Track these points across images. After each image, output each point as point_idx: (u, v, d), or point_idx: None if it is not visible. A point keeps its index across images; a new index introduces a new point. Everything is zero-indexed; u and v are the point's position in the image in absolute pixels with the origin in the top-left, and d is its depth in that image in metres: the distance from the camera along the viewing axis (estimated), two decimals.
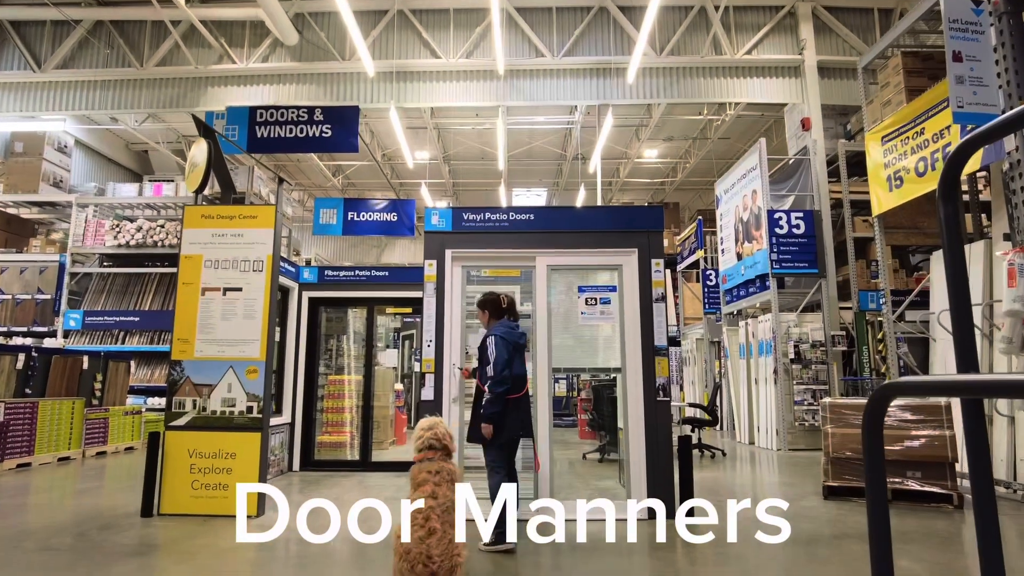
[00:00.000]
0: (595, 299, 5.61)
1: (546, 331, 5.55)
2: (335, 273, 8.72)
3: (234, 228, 5.80)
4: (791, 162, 12.63)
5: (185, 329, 5.68)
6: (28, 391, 9.93)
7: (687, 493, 5.29)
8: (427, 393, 5.49)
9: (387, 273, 8.65)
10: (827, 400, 6.63)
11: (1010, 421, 6.31)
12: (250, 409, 5.55)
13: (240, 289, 5.72)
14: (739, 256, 12.75)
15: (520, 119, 16.74)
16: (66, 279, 14.01)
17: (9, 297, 14.39)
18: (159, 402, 12.50)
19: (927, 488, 5.87)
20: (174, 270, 12.19)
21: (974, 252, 7.04)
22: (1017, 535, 4.90)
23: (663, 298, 5.58)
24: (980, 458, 1.37)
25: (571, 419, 14.47)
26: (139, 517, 5.35)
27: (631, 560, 4.21)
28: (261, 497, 5.48)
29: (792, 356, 10.96)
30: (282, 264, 8.13)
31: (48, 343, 13.33)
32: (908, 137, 7.60)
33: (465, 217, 5.72)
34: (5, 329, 14.24)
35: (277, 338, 8.26)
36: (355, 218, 17.36)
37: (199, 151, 5.99)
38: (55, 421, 9.00)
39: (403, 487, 6.83)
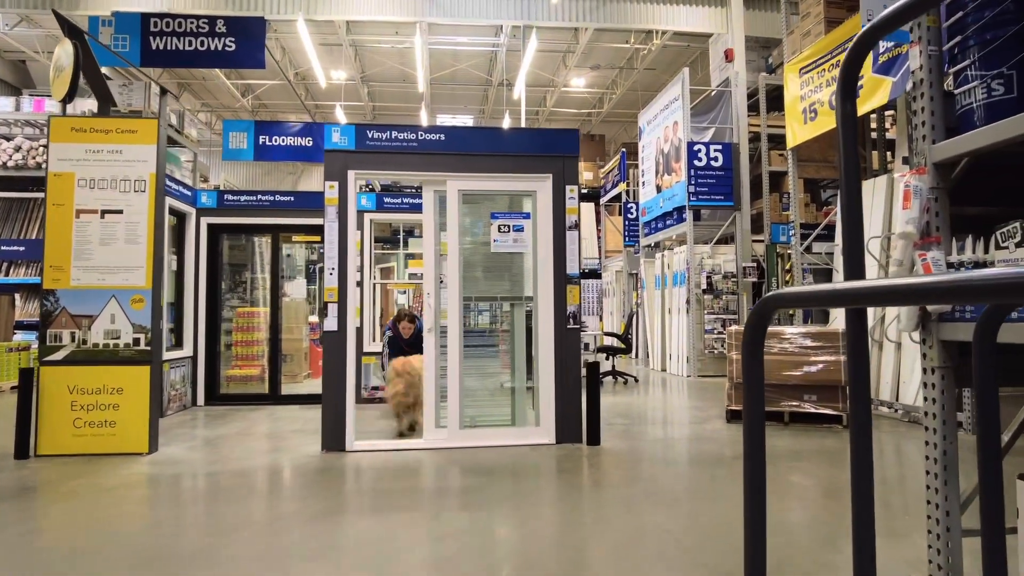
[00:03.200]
0: (508, 226, 5.43)
1: (457, 259, 5.36)
2: (235, 198, 8.14)
3: (111, 143, 5.22)
4: (713, 94, 12.63)
5: (58, 255, 5.14)
6: None
7: (594, 417, 5.35)
8: (330, 323, 5.25)
9: (292, 199, 8.15)
10: (732, 328, 6.82)
11: (897, 347, 6.70)
12: (137, 341, 5.15)
13: (120, 212, 5.19)
14: (659, 188, 12.83)
15: (442, 39, 15.95)
16: None
17: None
18: None
19: (821, 411, 6.19)
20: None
21: (877, 186, 7.27)
22: (894, 450, 5.24)
23: (576, 226, 5.46)
24: (860, 369, 1.30)
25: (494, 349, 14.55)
26: (12, 459, 4.95)
27: (538, 483, 4.23)
28: (153, 432, 5.16)
29: (704, 287, 11.27)
30: (176, 187, 7.51)
31: None
32: (824, 69, 7.64)
33: (369, 135, 5.35)
34: None
35: (173, 267, 7.72)
36: (267, 142, 16.22)
37: (64, 53, 5.27)
38: None
39: (312, 419, 6.65)
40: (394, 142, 5.37)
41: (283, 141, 15.57)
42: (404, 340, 6.92)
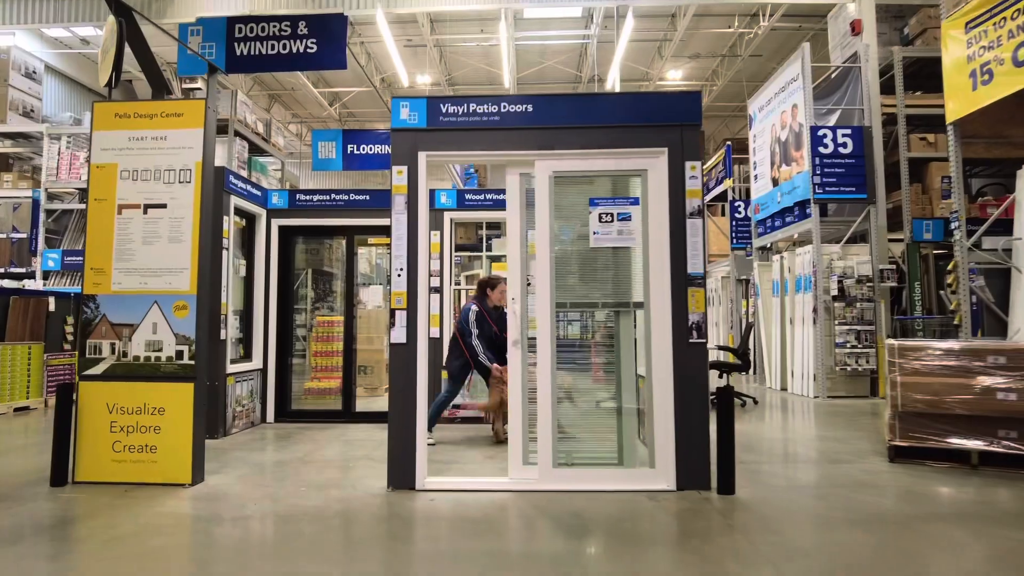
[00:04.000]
0: (611, 215, 4.38)
1: (548, 257, 4.35)
2: (308, 197, 7.52)
3: (155, 129, 4.60)
4: (836, 74, 11.04)
5: (99, 256, 4.56)
6: None
7: (727, 457, 4.17)
8: (397, 334, 4.36)
9: (368, 197, 7.43)
10: (893, 342, 5.41)
11: None
12: (180, 354, 4.47)
13: (164, 206, 4.55)
14: (775, 182, 11.33)
15: (529, 34, 15.11)
16: (41, 216, 13.00)
17: None
18: None
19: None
20: None
21: None
22: None
23: (700, 212, 4.33)
24: None
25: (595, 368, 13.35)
26: (48, 486, 4.37)
27: (660, 554, 3.13)
28: (197, 460, 4.45)
29: (835, 293, 9.69)
30: (245, 186, 6.95)
31: (29, 285, 12.44)
32: (1004, 18, 6.10)
33: (443, 110, 4.45)
34: None
35: (243, 272, 7.17)
36: (355, 151, 16.13)
37: (109, 33, 4.72)
38: (6, 367, 8.07)
39: (385, 442, 5.82)
40: (472, 117, 4.45)
41: (371, 149, 15.27)
42: (492, 316, 6.07)
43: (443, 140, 4.45)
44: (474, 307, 6.03)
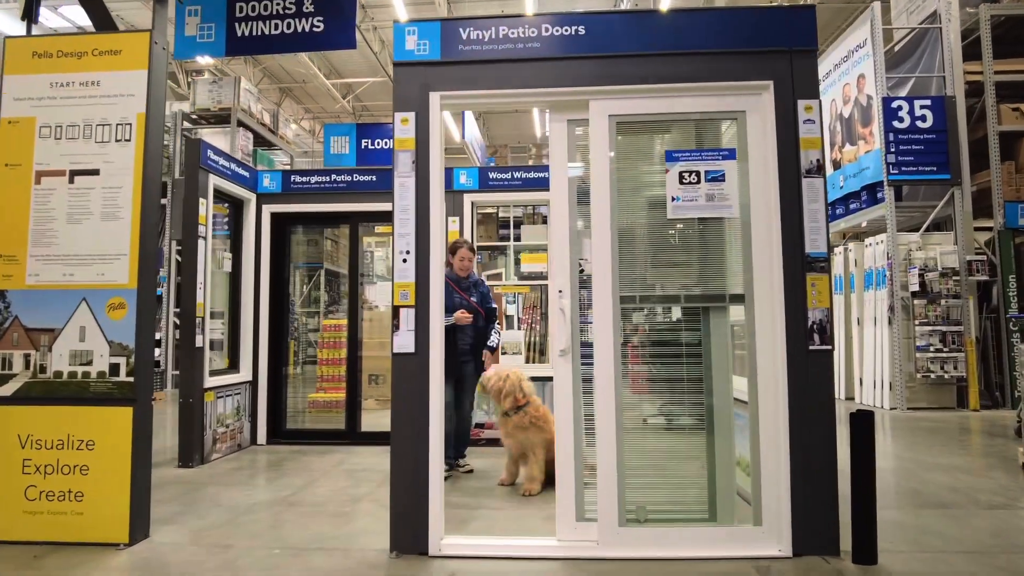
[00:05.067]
0: (696, 173, 3.18)
1: (608, 234, 3.16)
2: (305, 179, 6.39)
3: (85, 72, 3.49)
4: (907, 40, 9.72)
5: (10, 240, 3.46)
6: None
7: (865, 511, 2.95)
8: (402, 340, 3.20)
9: (374, 178, 6.29)
10: None
11: None
12: (115, 369, 3.34)
13: (96, 172, 3.44)
14: (836, 164, 10.03)
15: (559, 4, 13.91)
16: None
17: None
18: None
19: None
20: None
21: None
22: None
23: (819, 169, 3.12)
24: None
25: (673, 387, 11.98)
26: None
27: None
28: (138, 509, 3.32)
29: (915, 288, 8.36)
30: (229, 165, 5.86)
31: None
32: None
33: (463, 35, 3.29)
34: None
35: (227, 268, 6.07)
36: (370, 145, 15.12)
37: None
38: None
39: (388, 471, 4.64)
40: (502, 44, 3.27)
41: (387, 144, 14.20)
42: (463, 285, 4.93)
43: (463, 76, 3.28)
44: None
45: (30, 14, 3.61)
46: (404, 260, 3.23)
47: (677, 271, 3.27)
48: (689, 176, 3.16)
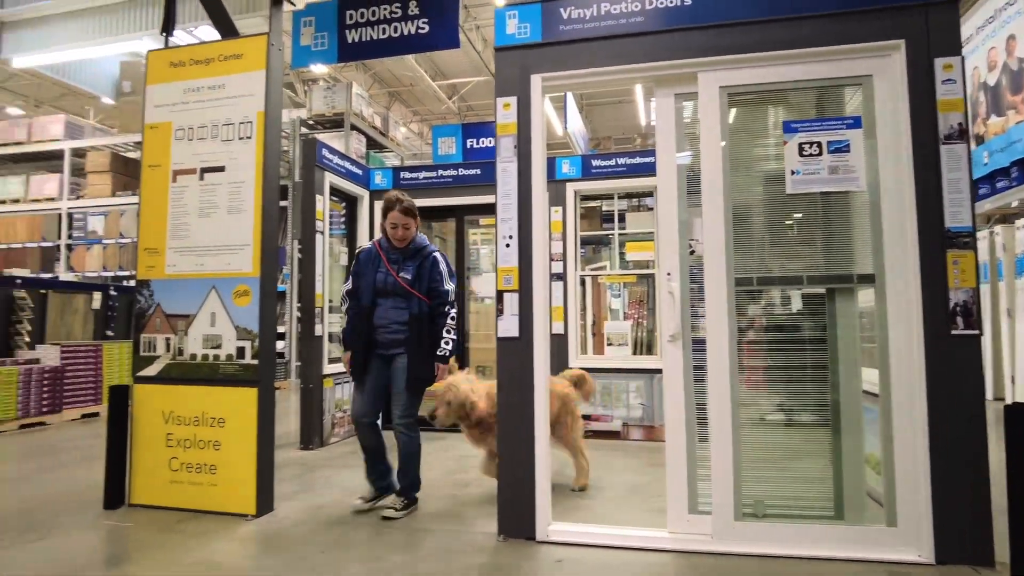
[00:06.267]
0: (818, 145, 2.94)
1: (721, 211, 3.00)
2: (413, 175, 6.60)
3: (212, 77, 3.76)
4: None
5: (153, 234, 3.79)
6: (110, 333, 9.01)
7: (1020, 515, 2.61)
8: (506, 325, 3.20)
9: (479, 171, 6.38)
10: None
11: None
12: (241, 352, 3.58)
13: (222, 168, 3.69)
14: (979, 139, 9.04)
15: None
16: None
17: (129, 241, 13.91)
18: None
19: None
20: (282, 203, 10.70)
21: None
22: None
23: (962, 132, 2.79)
24: None
25: (793, 375, 11.40)
26: (101, 509, 3.63)
27: None
28: (264, 484, 3.54)
29: None
30: (343, 164, 6.14)
31: None
32: None
33: (564, 15, 3.23)
34: (127, 273, 13.86)
35: (343, 261, 6.36)
36: (475, 145, 15.42)
37: None
38: (125, 365, 7.84)
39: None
40: (604, 21, 3.18)
41: (491, 142, 14.44)
42: (393, 256, 3.73)
43: (564, 56, 3.22)
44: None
45: (168, 28, 3.94)
46: (507, 245, 3.23)
47: (798, 250, 3.04)
48: (810, 147, 2.93)
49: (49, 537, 3.19)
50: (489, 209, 6.41)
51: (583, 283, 6.75)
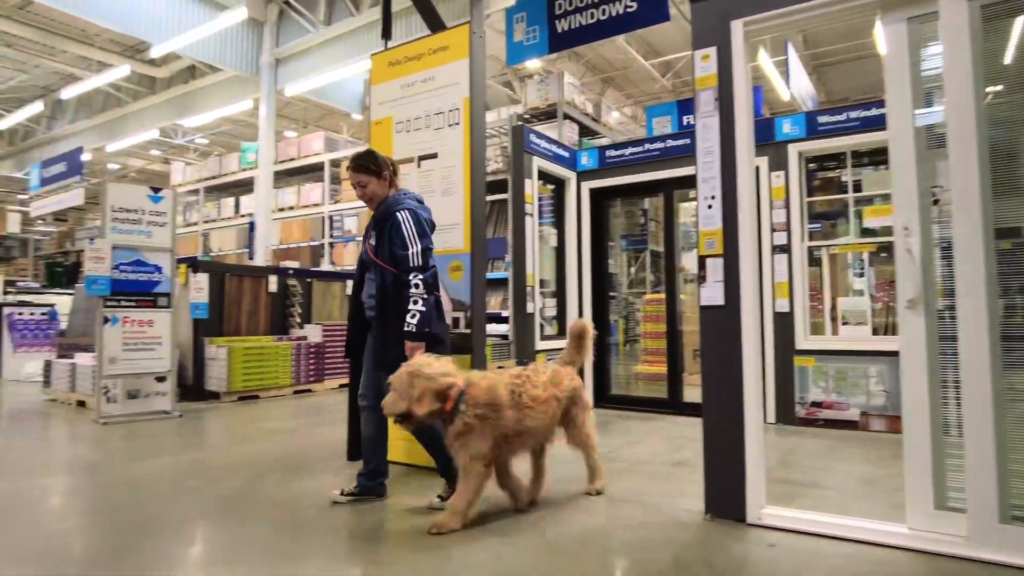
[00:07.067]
0: None
1: (972, 149, 2.48)
2: (619, 152, 6.52)
3: (423, 71, 4.08)
4: None
5: None
6: None
7: None
8: (710, 292, 3.00)
9: (687, 141, 6.09)
10: None
11: None
12: (456, 322, 3.85)
13: (435, 155, 4.00)
14: None
15: None
16: None
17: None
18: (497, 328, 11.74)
19: None
20: (502, 196, 11.12)
21: None
22: None
23: None
24: None
25: None
26: (345, 460, 4.19)
27: None
28: None
29: None
30: (549, 147, 6.29)
31: None
32: None
33: None
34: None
35: (553, 243, 6.53)
36: (691, 122, 14.83)
37: None
38: None
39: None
40: None
41: None
42: (369, 224, 3.37)
43: None
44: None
45: (387, 34, 4.36)
46: (709, 206, 3.03)
47: None
48: None
49: (306, 478, 3.75)
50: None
51: (812, 257, 6.10)
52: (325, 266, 13.08)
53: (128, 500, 3.35)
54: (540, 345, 5.92)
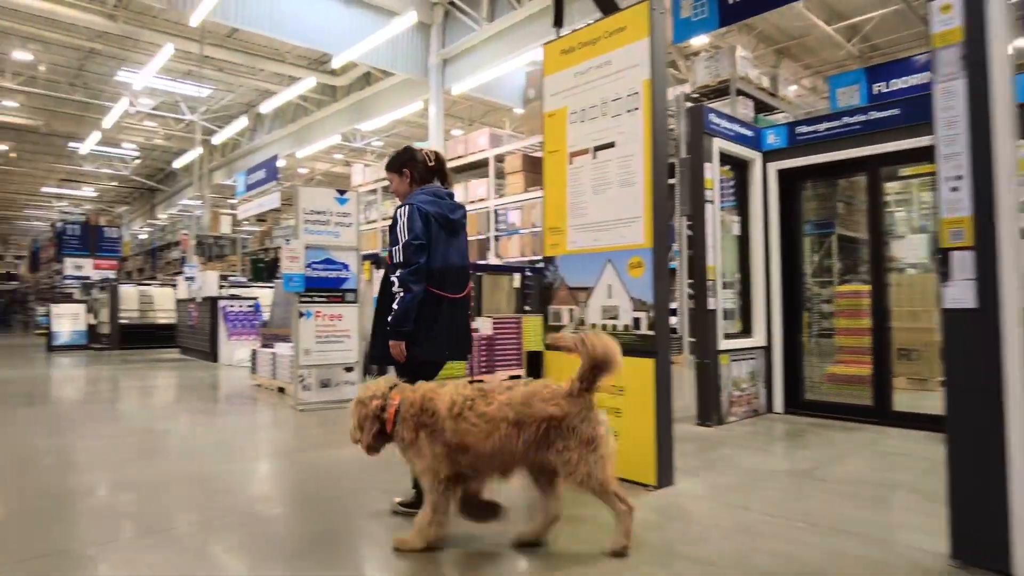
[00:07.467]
0: None
1: None
2: (812, 128, 5.82)
3: (598, 56, 3.85)
4: None
5: (556, 214, 4.09)
6: (527, 308, 10.37)
7: None
8: (957, 293, 2.48)
9: (897, 111, 5.26)
10: None
11: None
12: (636, 323, 3.60)
13: (612, 144, 3.76)
14: None
15: None
16: None
17: (539, 230, 15.87)
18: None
19: None
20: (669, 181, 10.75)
21: None
22: None
23: None
24: None
25: None
26: None
27: None
28: (663, 455, 3.52)
29: None
30: (729, 125, 5.79)
31: None
32: None
33: None
34: (538, 257, 15.85)
35: (736, 231, 6.03)
36: (883, 89, 13.39)
37: None
38: (538, 335, 8.92)
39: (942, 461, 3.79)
40: None
41: (905, 83, 12.24)
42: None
43: None
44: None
45: (559, 22, 4.20)
46: (954, 188, 2.50)
47: None
48: None
49: None
50: (912, 155, 5.25)
51: None
52: (492, 259, 13.37)
53: (327, 485, 3.53)
54: (723, 344, 5.48)
